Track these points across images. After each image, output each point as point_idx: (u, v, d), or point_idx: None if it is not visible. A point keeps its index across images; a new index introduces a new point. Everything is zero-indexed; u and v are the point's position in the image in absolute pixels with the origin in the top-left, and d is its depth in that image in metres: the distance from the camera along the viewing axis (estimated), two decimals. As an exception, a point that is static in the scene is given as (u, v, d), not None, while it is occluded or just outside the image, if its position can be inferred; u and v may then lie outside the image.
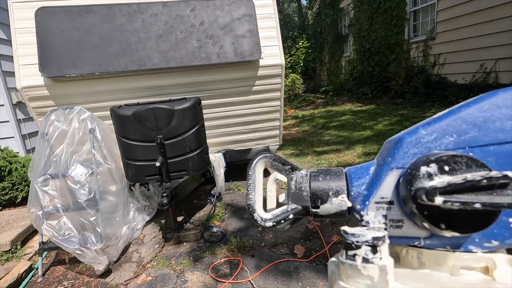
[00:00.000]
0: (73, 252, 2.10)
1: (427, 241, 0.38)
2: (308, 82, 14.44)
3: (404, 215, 0.39)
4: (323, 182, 0.45)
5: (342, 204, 0.43)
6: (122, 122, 2.52)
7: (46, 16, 2.64)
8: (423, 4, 7.64)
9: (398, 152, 0.39)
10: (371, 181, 0.41)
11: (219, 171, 3.20)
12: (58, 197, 2.17)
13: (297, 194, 0.46)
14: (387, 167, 0.40)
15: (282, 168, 0.51)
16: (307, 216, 0.48)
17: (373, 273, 0.35)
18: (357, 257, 0.35)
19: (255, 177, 0.49)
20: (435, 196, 0.32)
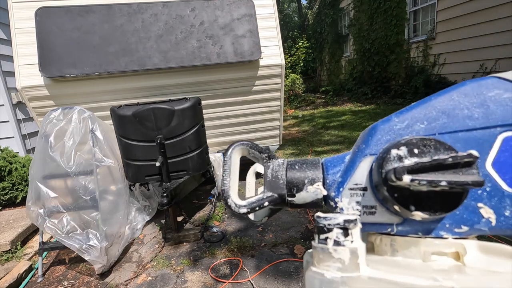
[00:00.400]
0: (77, 250, 2.10)
1: (399, 228, 0.38)
2: (308, 82, 14.44)
3: (377, 201, 0.39)
4: (299, 170, 0.45)
5: (318, 192, 0.43)
6: (122, 122, 2.52)
7: (46, 16, 2.64)
8: (423, 4, 7.64)
9: (372, 139, 0.40)
10: (346, 169, 0.42)
11: (219, 171, 3.20)
12: (59, 196, 2.17)
13: (273, 182, 0.46)
14: (361, 154, 0.40)
15: (259, 156, 0.50)
16: (283, 206, 0.48)
17: (344, 256, 0.35)
18: (329, 240, 0.36)
19: (231, 163, 0.49)
20: (403, 174, 0.33)
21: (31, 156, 3.83)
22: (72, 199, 2.18)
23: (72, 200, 2.17)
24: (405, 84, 8.19)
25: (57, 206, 2.15)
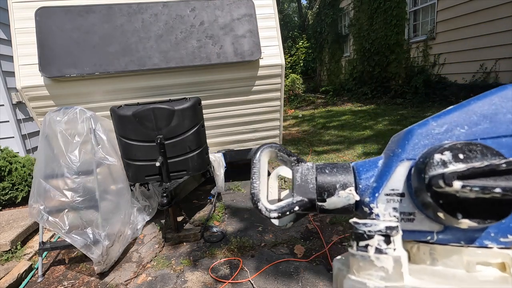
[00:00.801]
0: (80, 247, 2.10)
1: (440, 236, 0.37)
2: (308, 82, 14.44)
3: (416, 207, 0.38)
4: (329, 175, 0.44)
5: (350, 198, 0.42)
6: (122, 122, 2.52)
7: (46, 16, 2.64)
8: (423, 4, 7.64)
9: (408, 143, 0.38)
10: (380, 173, 0.40)
11: (219, 171, 3.20)
12: (61, 194, 2.17)
13: (302, 186, 0.45)
14: (397, 159, 0.39)
15: (287, 160, 0.49)
16: (311, 212, 0.46)
17: (387, 264, 0.33)
18: (370, 247, 0.34)
19: (260, 166, 0.48)
20: (453, 180, 0.31)
21: (31, 156, 3.83)
22: (74, 198, 2.17)
23: (74, 199, 2.17)
24: (405, 84, 8.19)
25: (59, 204, 2.16)
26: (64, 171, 2.21)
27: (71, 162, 2.24)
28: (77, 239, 2.10)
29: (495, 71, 5.82)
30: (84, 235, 2.14)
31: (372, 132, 5.64)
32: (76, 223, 2.16)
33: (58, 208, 2.14)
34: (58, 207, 2.14)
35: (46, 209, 2.13)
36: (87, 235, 2.15)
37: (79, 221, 2.18)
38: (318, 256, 2.26)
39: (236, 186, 3.76)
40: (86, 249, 2.11)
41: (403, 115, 6.50)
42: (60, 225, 2.11)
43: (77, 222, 2.17)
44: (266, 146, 0.49)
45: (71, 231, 2.11)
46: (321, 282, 2.00)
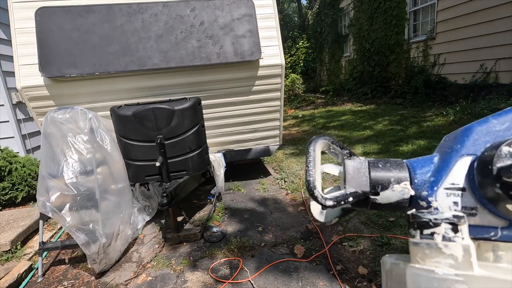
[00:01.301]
0: (80, 244, 2.10)
1: (504, 232, 0.36)
2: (308, 82, 14.45)
3: (478, 202, 0.36)
4: (383, 169, 0.44)
5: (405, 192, 0.41)
6: (122, 122, 2.52)
7: (46, 16, 2.64)
8: (423, 4, 7.64)
9: (468, 139, 0.38)
10: (438, 169, 0.40)
11: (219, 171, 3.20)
12: (63, 193, 2.17)
13: (355, 179, 0.45)
14: (456, 154, 0.39)
15: (340, 152, 0.50)
16: (361, 207, 0.46)
17: (457, 252, 0.32)
18: (436, 235, 0.34)
19: (315, 155, 0.49)
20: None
21: (31, 156, 3.83)
22: (76, 197, 2.17)
23: (76, 198, 2.17)
24: (405, 84, 8.19)
25: (61, 200, 2.16)
26: (65, 170, 2.22)
27: (72, 161, 2.24)
28: (79, 236, 2.10)
29: (495, 71, 5.82)
30: (84, 232, 2.14)
31: (372, 132, 5.64)
32: (76, 220, 2.16)
33: (61, 203, 2.14)
34: (61, 203, 2.14)
35: (50, 201, 2.13)
36: (86, 232, 2.15)
37: (79, 218, 2.18)
38: (318, 256, 2.26)
39: (236, 186, 3.76)
40: (85, 246, 2.11)
41: (403, 115, 6.50)
42: (64, 219, 2.11)
43: (78, 219, 2.17)
44: (320, 137, 0.50)
45: (73, 227, 2.11)
46: (321, 282, 2.00)
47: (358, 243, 2.35)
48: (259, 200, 3.36)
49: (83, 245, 2.11)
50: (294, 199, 3.30)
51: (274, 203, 3.26)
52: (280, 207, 3.15)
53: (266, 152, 3.78)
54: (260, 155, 3.80)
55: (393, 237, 2.34)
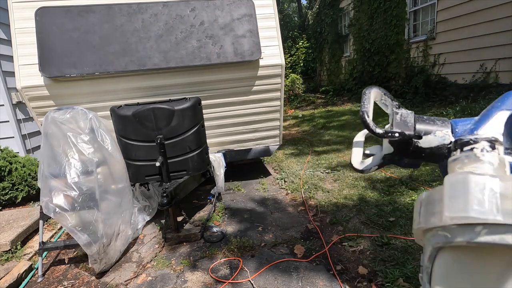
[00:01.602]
0: (82, 244, 2.09)
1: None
2: (308, 82, 14.44)
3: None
4: (428, 119, 0.48)
5: (446, 138, 0.45)
6: (122, 122, 2.52)
7: (46, 16, 2.64)
8: (423, 4, 7.63)
9: (509, 98, 0.42)
10: (478, 120, 0.44)
11: (219, 171, 3.20)
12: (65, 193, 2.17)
13: (402, 123, 0.49)
14: (496, 109, 0.43)
15: (390, 103, 0.55)
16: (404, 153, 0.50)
17: (494, 160, 0.34)
18: (475, 149, 0.36)
19: (370, 95, 0.56)
20: None
21: (31, 156, 3.83)
22: (78, 197, 2.17)
23: (78, 198, 2.17)
24: (405, 84, 8.19)
25: (63, 201, 2.15)
26: (67, 170, 2.21)
27: (73, 161, 2.24)
28: (81, 236, 2.10)
29: (495, 71, 5.82)
30: (86, 232, 2.13)
31: (372, 132, 5.63)
32: (78, 220, 2.16)
33: (63, 204, 2.14)
34: (63, 203, 2.14)
35: (52, 202, 2.13)
36: (88, 232, 2.14)
37: (81, 218, 2.18)
38: (318, 256, 2.26)
39: (236, 186, 3.76)
40: (87, 247, 2.11)
41: (403, 115, 6.49)
42: (67, 219, 2.11)
43: (79, 219, 2.17)
44: (375, 87, 0.57)
45: (75, 226, 2.11)
46: (321, 282, 2.00)
47: (358, 243, 2.35)
48: (259, 200, 3.36)
49: (85, 246, 2.11)
50: (294, 199, 3.30)
51: (274, 203, 3.26)
52: (280, 207, 3.15)
53: (266, 152, 3.78)
54: (260, 155, 3.80)
55: (393, 237, 2.34)
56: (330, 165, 4.19)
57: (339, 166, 4.09)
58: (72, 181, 2.19)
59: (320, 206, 3.03)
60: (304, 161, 4.51)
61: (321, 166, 4.20)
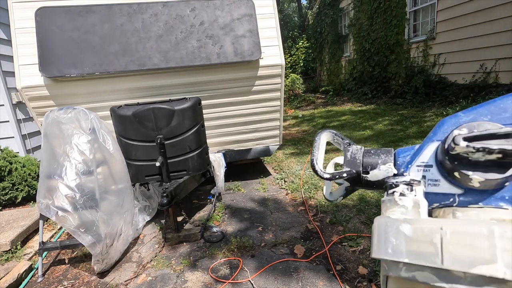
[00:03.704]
0: (87, 245, 2.09)
1: (461, 198, 0.43)
2: (308, 82, 14.44)
3: (441, 175, 0.45)
4: (374, 154, 0.54)
5: (389, 170, 0.51)
6: (122, 122, 2.52)
7: (46, 16, 2.64)
8: (423, 4, 7.64)
9: (440, 129, 0.47)
10: (415, 152, 0.49)
11: (219, 171, 3.20)
12: (66, 193, 2.16)
13: (351, 161, 0.56)
14: (429, 140, 0.47)
15: (342, 142, 0.61)
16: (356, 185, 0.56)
17: (407, 203, 0.41)
18: (395, 193, 0.43)
19: (320, 142, 0.61)
20: (460, 140, 0.38)
21: (31, 156, 3.83)
22: (80, 198, 2.17)
23: (80, 199, 2.17)
24: (405, 84, 8.19)
25: (64, 202, 2.15)
26: (68, 171, 2.21)
27: (75, 162, 2.24)
28: (85, 237, 2.09)
29: (495, 71, 5.82)
30: (90, 233, 2.13)
31: (372, 132, 5.64)
32: (81, 221, 2.15)
33: (65, 205, 2.14)
34: (64, 204, 2.14)
35: (54, 204, 2.13)
36: (92, 233, 2.14)
37: (83, 219, 2.17)
38: (318, 256, 2.26)
39: (236, 186, 3.76)
40: (92, 247, 2.11)
41: (403, 115, 6.50)
42: (70, 221, 2.10)
43: (82, 220, 2.16)
44: (326, 130, 0.63)
45: (78, 228, 2.11)
46: (321, 282, 2.00)
47: (358, 243, 2.35)
48: (259, 200, 3.36)
49: (90, 246, 2.10)
50: (294, 199, 3.30)
51: (274, 203, 3.26)
52: (280, 207, 3.15)
53: (266, 152, 3.78)
54: (260, 155, 3.80)
55: (393, 237, 2.34)
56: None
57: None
58: (74, 182, 2.19)
59: (320, 206, 3.03)
60: (304, 161, 4.51)
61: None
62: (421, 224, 0.37)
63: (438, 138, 0.46)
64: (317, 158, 0.58)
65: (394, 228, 0.38)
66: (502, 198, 0.40)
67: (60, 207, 2.11)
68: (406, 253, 0.36)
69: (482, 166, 0.39)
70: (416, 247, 0.36)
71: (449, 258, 0.34)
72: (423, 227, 0.37)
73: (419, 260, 0.35)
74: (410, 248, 0.36)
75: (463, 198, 0.43)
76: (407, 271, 0.37)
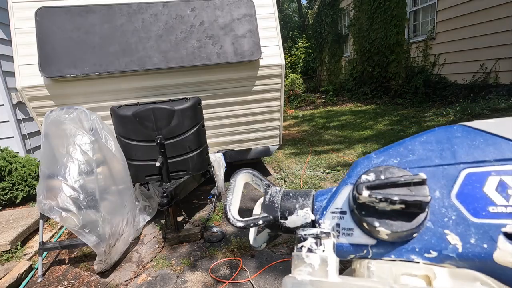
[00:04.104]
0: (91, 245, 2.09)
1: (374, 249, 0.41)
2: (308, 82, 14.44)
3: (354, 223, 0.43)
4: (292, 197, 0.51)
5: (307, 216, 0.48)
6: (122, 122, 2.52)
7: (46, 16, 2.64)
8: (423, 4, 7.64)
9: (353, 171, 0.46)
10: (331, 196, 0.47)
11: (219, 171, 3.20)
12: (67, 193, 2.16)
13: (269, 205, 0.51)
14: (343, 183, 0.46)
15: (261, 183, 0.56)
16: (276, 231, 0.52)
17: (314, 261, 0.37)
18: (303, 248, 0.39)
19: (235, 185, 0.56)
20: (363, 190, 0.37)
21: (31, 156, 3.83)
22: (82, 197, 2.17)
23: (84, 200, 2.16)
24: (405, 84, 8.19)
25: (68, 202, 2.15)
26: (72, 171, 2.21)
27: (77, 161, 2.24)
28: (89, 238, 2.09)
29: (495, 71, 5.82)
30: (93, 233, 2.13)
31: (372, 132, 5.64)
32: (85, 221, 2.15)
33: (69, 206, 2.13)
34: (69, 205, 2.13)
35: (58, 205, 2.12)
36: (96, 233, 2.14)
37: (87, 219, 2.17)
38: (318, 256, 2.26)
39: (236, 186, 3.75)
40: (96, 247, 2.11)
41: (403, 115, 6.50)
42: (74, 221, 2.10)
43: (86, 221, 2.16)
44: (244, 171, 0.57)
45: (83, 228, 2.10)
46: (321, 282, 2.00)
47: (358, 243, 2.35)
48: (259, 200, 3.36)
49: (94, 247, 2.10)
50: (294, 199, 3.30)
51: (274, 203, 3.26)
52: (280, 207, 3.14)
53: (266, 152, 3.78)
54: (260, 155, 3.80)
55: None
56: (330, 165, 4.19)
57: (339, 166, 4.09)
58: (78, 183, 2.18)
59: (320, 206, 3.02)
60: (304, 161, 4.51)
61: (321, 166, 4.20)
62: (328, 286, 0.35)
63: (352, 181, 0.44)
64: (230, 204, 0.53)
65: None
66: (413, 250, 0.39)
67: (64, 208, 2.11)
68: None
69: (389, 215, 0.38)
70: None
71: None
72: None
73: None
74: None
75: (376, 250, 0.41)
76: None
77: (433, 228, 0.38)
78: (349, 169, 0.47)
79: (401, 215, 0.38)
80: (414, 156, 0.42)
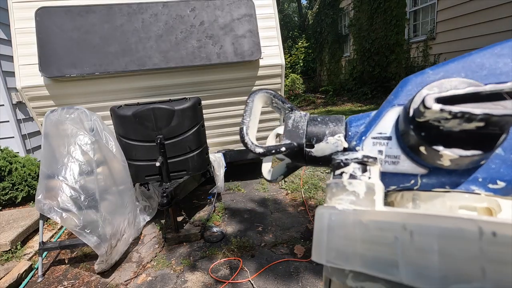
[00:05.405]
0: (93, 246, 2.09)
1: (423, 180, 0.35)
2: (308, 82, 14.44)
3: (402, 150, 0.36)
4: (321, 123, 0.43)
5: (338, 144, 0.41)
6: (122, 122, 2.52)
7: (46, 16, 2.64)
8: (423, 4, 7.64)
9: (402, 90, 0.37)
10: (371, 120, 0.39)
11: (219, 171, 3.20)
12: (67, 193, 2.16)
13: (292, 131, 0.44)
14: (388, 104, 0.38)
15: (282, 107, 0.49)
16: (299, 161, 0.45)
17: (359, 189, 0.31)
18: (344, 174, 0.33)
19: (253, 105, 0.48)
20: (432, 103, 0.29)
21: (31, 156, 3.83)
22: (83, 198, 2.17)
23: (82, 199, 2.17)
24: (405, 84, 8.19)
25: (69, 202, 2.15)
26: (73, 172, 2.21)
27: (78, 162, 2.24)
28: (90, 238, 2.09)
29: (495, 71, 5.82)
30: (94, 234, 2.13)
31: (372, 132, 5.64)
32: (86, 222, 2.15)
33: (70, 206, 2.13)
34: (69, 205, 2.13)
35: (59, 205, 2.12)
36: (96, 233, 2.14)
37: (88, 219, 2.17)
38: (318, 256, 2.26)
39: (236, 186, 3.76)
40: (98, 248, 2.11)
41: (403, 115, 6.50)
42: (75, 222, 2.09)
43: (87, 221, 2.16)
44: (262, 91, 0.49)
45: (84, 229, 2.10)
46: (321, 282, 2.00)
47: (358, 243, 2.35)
48: (259, 200, 3.36)
49: (95, 247, 2.10)
50: (294, 199, 3.30)
51: (274, 203, 3.26)
52: (280, 207, 3.15)
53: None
54: (260, 155, 3.79)
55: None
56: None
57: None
58: (78, 183, 2.18)
59: (320, 206, 3.03)
60: (304, 161, 4.51)
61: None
62: (377, 219, 0.28)
63: (400, 102, 0.36)
64: (247, 127, 0.46)
65: (340, 224, 0.29)
66: (474, 180, 0.33)
67: (65, 208, 2.10)
68: (354, 259, 0.28)
69: (457, 137, 0.30)
70: (368, 250, 0.27)
71: (412, 271, 0.25)
72: (379, 224, 0.27)
73: (371, 269, 0.27)
74: (360, 252, 0.28)
75: (427, 180, 0.35)
76: (355, 280, 0.28)
77: (504, 155, 0.32)
78: (396, 88, 0.39)
79: (473, 136, 0.30)
80: (484, 71, 0.33)
